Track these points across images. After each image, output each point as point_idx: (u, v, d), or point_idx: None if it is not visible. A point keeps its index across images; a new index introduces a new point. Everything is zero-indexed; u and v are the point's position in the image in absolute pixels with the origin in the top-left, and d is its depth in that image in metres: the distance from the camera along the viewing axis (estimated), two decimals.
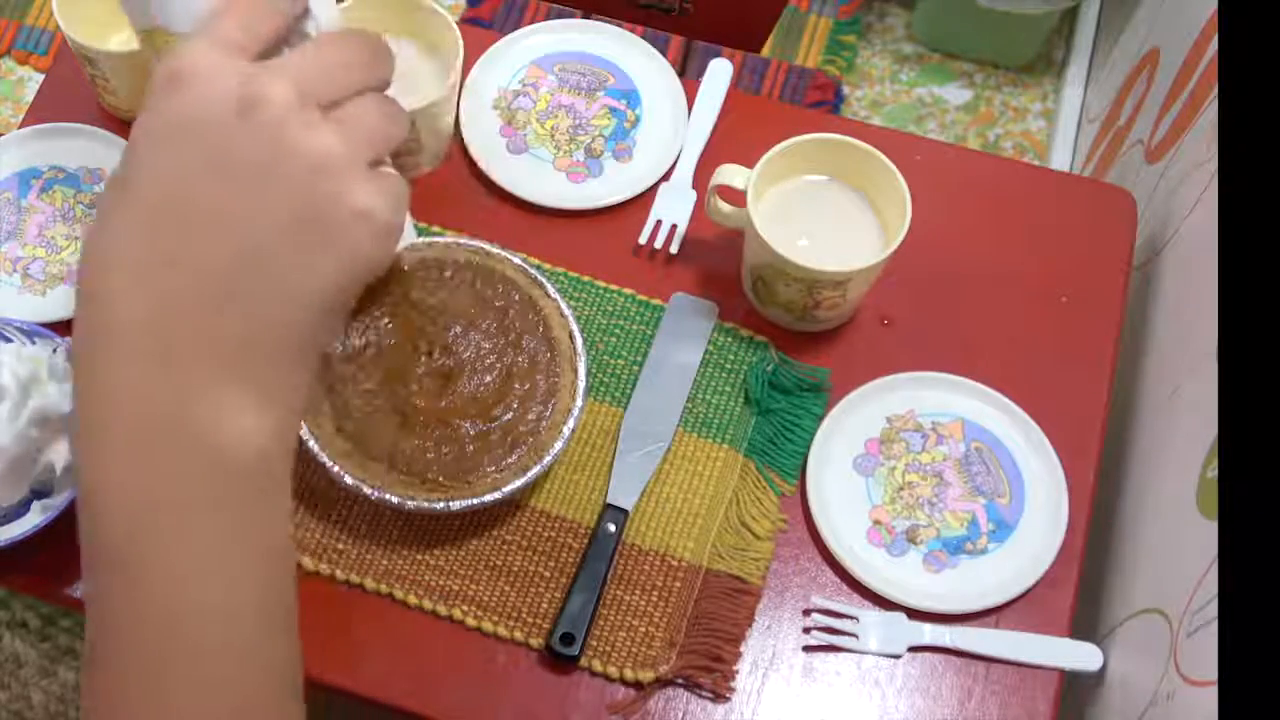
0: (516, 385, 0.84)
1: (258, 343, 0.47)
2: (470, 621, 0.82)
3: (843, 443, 0.87)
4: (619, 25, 1.04)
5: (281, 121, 0.45)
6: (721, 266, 0.93)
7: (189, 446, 0.46)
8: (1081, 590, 0.85)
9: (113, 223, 0.46)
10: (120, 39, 0.93)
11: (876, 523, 0.85)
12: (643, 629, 0.82)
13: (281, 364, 0.48)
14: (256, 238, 0.46)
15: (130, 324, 0.46)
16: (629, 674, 0.80)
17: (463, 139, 0.97)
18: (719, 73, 0.99)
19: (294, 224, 0.46)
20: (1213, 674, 0.70)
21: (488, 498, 0.80)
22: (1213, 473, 0.78)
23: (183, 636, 0.47)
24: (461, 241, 0.89)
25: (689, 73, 1.34)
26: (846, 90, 1.83)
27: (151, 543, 0.46)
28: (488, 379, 0.84)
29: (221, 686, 0.48)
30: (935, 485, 0.86)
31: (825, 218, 0.88)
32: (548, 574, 0.83)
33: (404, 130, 0.50)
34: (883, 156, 0.86)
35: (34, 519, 0.80)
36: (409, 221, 0.68)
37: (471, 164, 0.96)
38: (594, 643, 0.81)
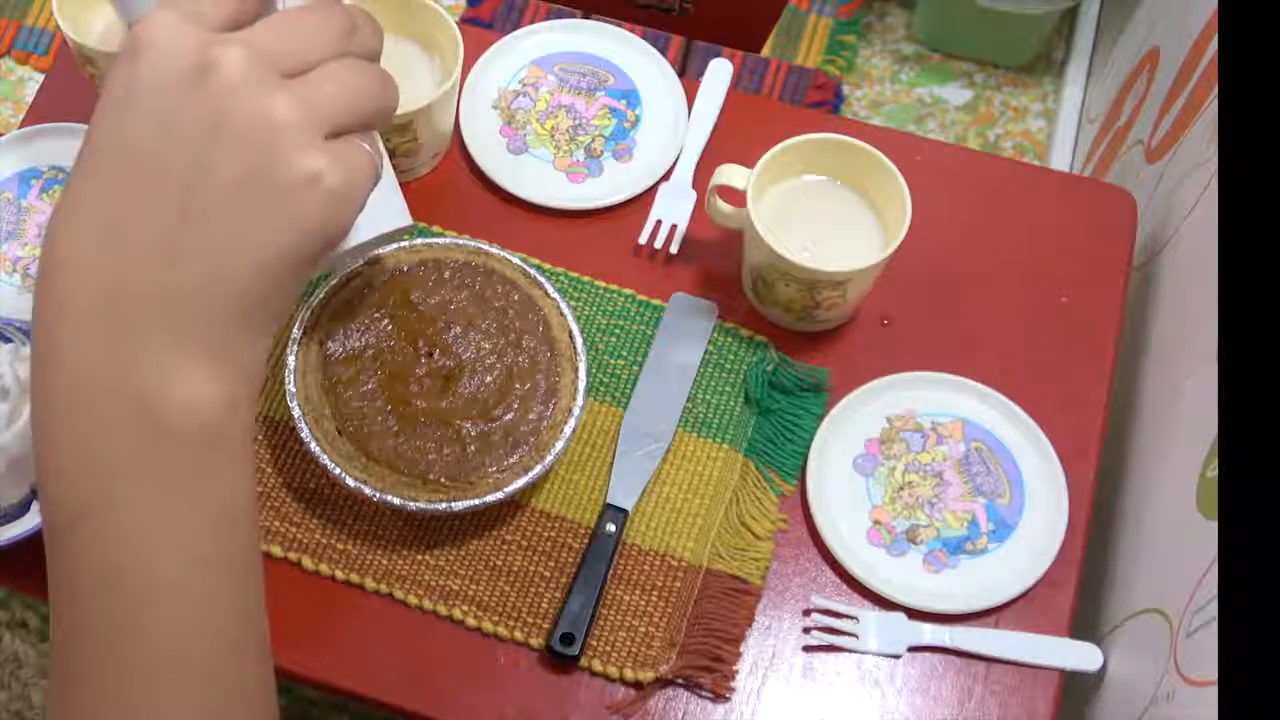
0: (517, 385, 0.84)
1: (203, 305, 0.47)
2: (470, 621, 0.82)
3: (843, 443, 0.87)
4: (619, 25, 1.04)
5: (233, 86, 0.46)
6: (721, 266, 0.93)
7: (131, 411, 0.46)
8: (1081, 590, 0.85)
9: (70, 190, 0.47)
10: (120, 39, 0.92)
11: (876, 523, 0.85)
12: (643, 629, 0.82)
13: (230, 328, 0.48)
14: (201, 197, 0.46)
15: (78, 286, 0.46)
16: (629, 674, 0.80)
17: (463, 139, 0.97)
18: (719, 73, 0.99)
19: (239, 186, 0.46)
20: (1213, 674, 0.70)
21: (489, 498, 0.80)
22: (1213, 473, 0.78)
23: (129, 603, 0.47)
24: (461, 241, 0.89)
25: (689, 73, 1.34)
26: (846, 90, 1.83)
27: (96, 509, 0.47)
28: (488, 379, 0.84)
29: (172, 656, 0.48)
30: (935, 485, 0.86)
31: (825, 218, 0.88)
32: (548, 574, 0.83)
33: (385, 101, 0.50)
34: (883, 156, 0.86)
35: (34, 519, 0.80)
36: (400, 203, 0.67)
37: (471, 164, 0.96)
38: (594, 643, 0.81)
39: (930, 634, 0.82)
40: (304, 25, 0.48)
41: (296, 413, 0.82)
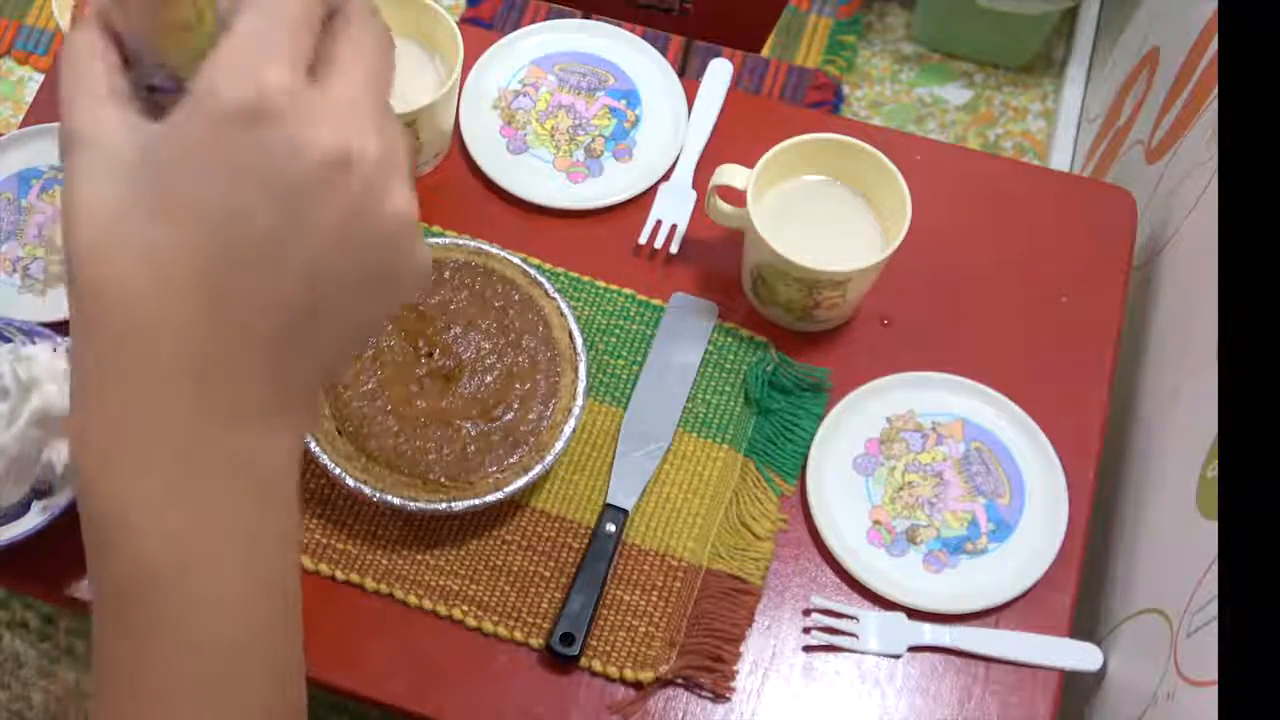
0: (517, 385, 0.84)
1: (308, 377, 0.46)
2: (470, 621, 0.82)
3: (843, 443, 0.87)
4: (619, 25, 1.04)
5: (370, 184, 0.43)
6: (721, 266, 0.93)
7: (228, 469, 0.45)
8: (1081, 590, 0.85)
9: (148, 238, 0.43)
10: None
11: (876, 523, 0.85)
12: (643, 629, 0.82)
13: (315, 391, 0.47)
14: (326, 288, 0.44)
15: (171, 346, 0.43)
16: (629, 674, 0.80)
17: (463, 139, 0.97)
18: (719, 73, 0.99)
19: (365, 280, 0.44)
20: (1213, 674, 0.70)
21: (489, 498, 0.80)
22: (1213, 473, 0.78)
23: (208, 665, 0.46)
24: (461, 241, 0.89)
25: (689, 73, 1.34)
26: (846, 90, 1.83)
27: (183, 568, 0.45)
28: (488, 379, 0.84)
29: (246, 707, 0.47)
30: (935, 485, 0.86)
31: (825, 218, 0.88)
32: (548, 574, 0.83)
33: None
34: (883, 156, 0.86)
35: (34, 519, 0.80)
36: None
37: (471, 164, 0.96)
38: (594, 643, 0.81)
39: (930, 634, 0.82)
40: (387, 78, 0.46)
41: None
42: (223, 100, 0.41)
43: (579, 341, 0.85)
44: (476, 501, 0.80)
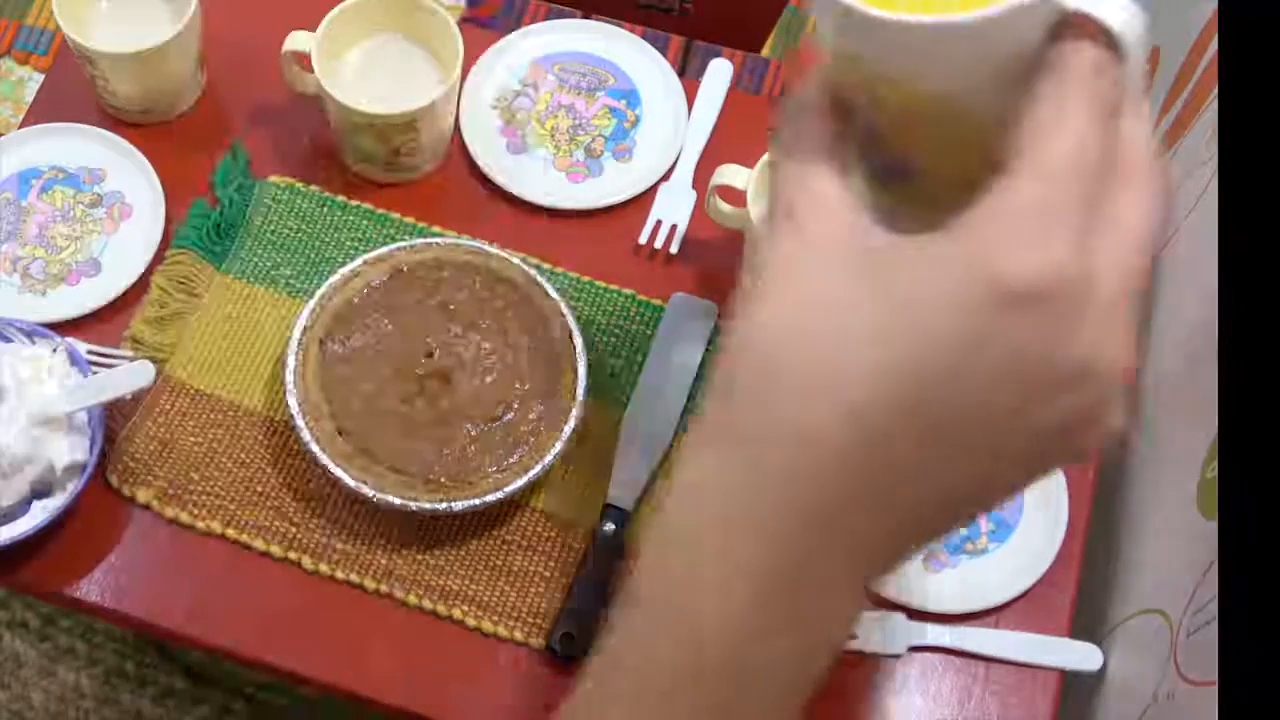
0: (517, 385, 0.84)
1: (900, 550, 0.42)
2: (470, 621, 0.82)
3: None
4: (619, 25, 1.04)
5: (1104, 399, 0.38)
6: (721, 266, 0.93)
7: (803, 616, 0.41)
8: (1081, 590, 0.85)
9: (856, 336, 0.38)
10: (120, 39, 0.92)
11: None
12: None
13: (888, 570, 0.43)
14: (985, 487, 0.40)
15: (827, 441, 0.38)
16: None
17: (463, 139, 0.96)
18: (719, 73, 0.99)
19: (1014, 485, 0.41)
20: (1213, 674, 0.70)
21: (489, 498, 0.80)
22: (1213, 473, 0.78)
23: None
24: (461, 241, 0.89)
25: (689, 73, 1.34)
26: None
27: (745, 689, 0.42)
28: (488, 379, 0.84)
29: None
30: None
31: None
32: (548, 574, 0.83)
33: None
34: None
35: (34, 519, 0.80)
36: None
37: (471, 164, 0.96)
38: (594, 642, 0.81)
39: (930, 634, 0.82)
40: (1151, 243, 0.39)
41: (296, 413, 0.82)
42: (992, 270, 0.36)
43: (579, 341, 0.85)
44: (476, 501, 0.80)
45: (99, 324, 0.89)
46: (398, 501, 0.80)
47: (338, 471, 0.81)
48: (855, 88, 0.44)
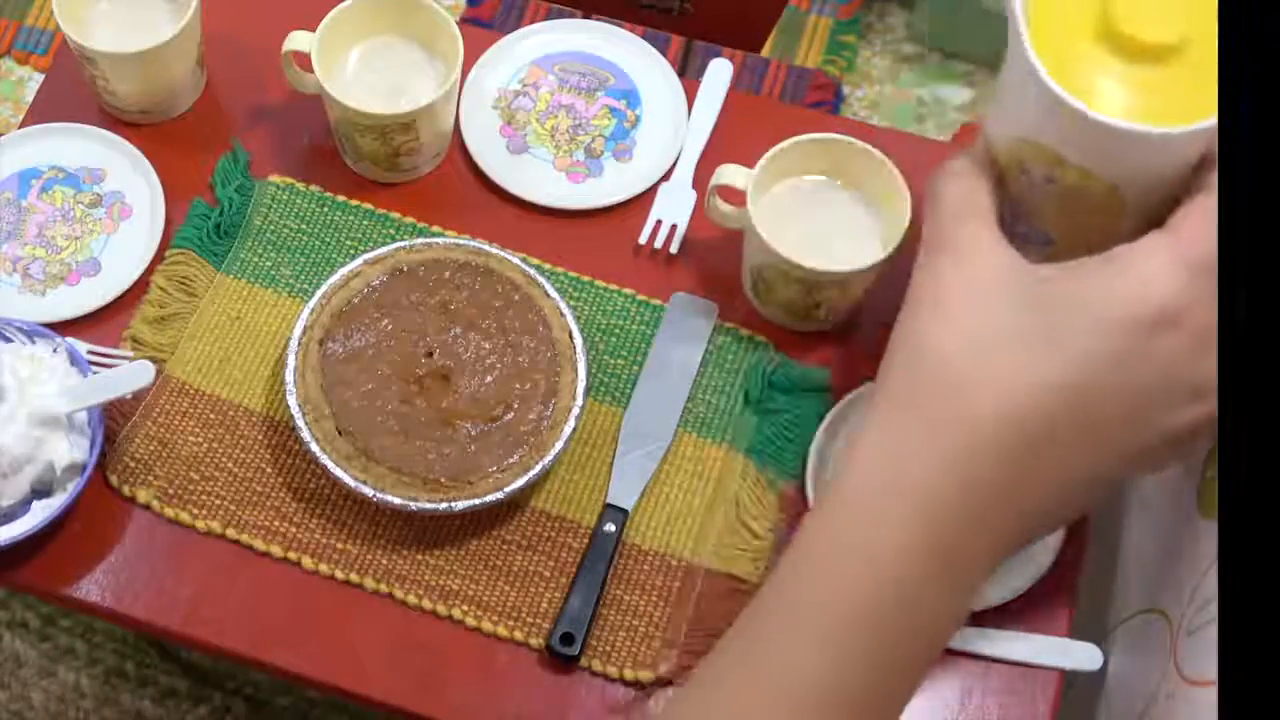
0: (517, 385, 0.84)
1: (1027, 535, 0.50)
2: (470, 621, 0.82)
3: (843, 443, 0.87)
4: (619, 25, 1.04)
5: (1212, 416, 0.48)
6: (721, 266, 0.93)
7: (909, 616, 0.49)
8: (1081, 590, 0.85)
9: (1020, 351, 0.47)
10: (120, 39, 0.92)
11: None
12: (643, 629, 0.82)
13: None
14: (1089, 490, 0.48)
15: (994, 441, 0.48)
16: (629, 674, 0.80)
17: (463, 139, 0.97)
18: (719, 73, 0.99)
19: (1164, 452, 0.49)
20: (1213, 674, 0.70)
21: (490, 498, 0.80)
22: (1213, 473, 0.78)
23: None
24: (461, 241, 0.89)
25: (689, 73, 1.34)
26: (846, 90, 1.83)
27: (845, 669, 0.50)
28: (488, 379, 0.84)
29: None
30: None
31: (825, 217, 0.88)
32: (548, 574, 0.83)
33: None
34: (883, 156, 0.86)
35: (34, 519, 0.80)
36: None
37: (471, 164, 0.96)
38: (594, 643, 0.81)
39: None
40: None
41: (296, 413, 0.82)
42: (1145, 293, 0.46)
43: (579, 341, 0.85)
44: (476, 501, 0.80)
45: (99, 324, 0.89)
46: (398, 502, 0.80)
47: (338, 472, 0.81)
48: (1029, 166, 0.55)
